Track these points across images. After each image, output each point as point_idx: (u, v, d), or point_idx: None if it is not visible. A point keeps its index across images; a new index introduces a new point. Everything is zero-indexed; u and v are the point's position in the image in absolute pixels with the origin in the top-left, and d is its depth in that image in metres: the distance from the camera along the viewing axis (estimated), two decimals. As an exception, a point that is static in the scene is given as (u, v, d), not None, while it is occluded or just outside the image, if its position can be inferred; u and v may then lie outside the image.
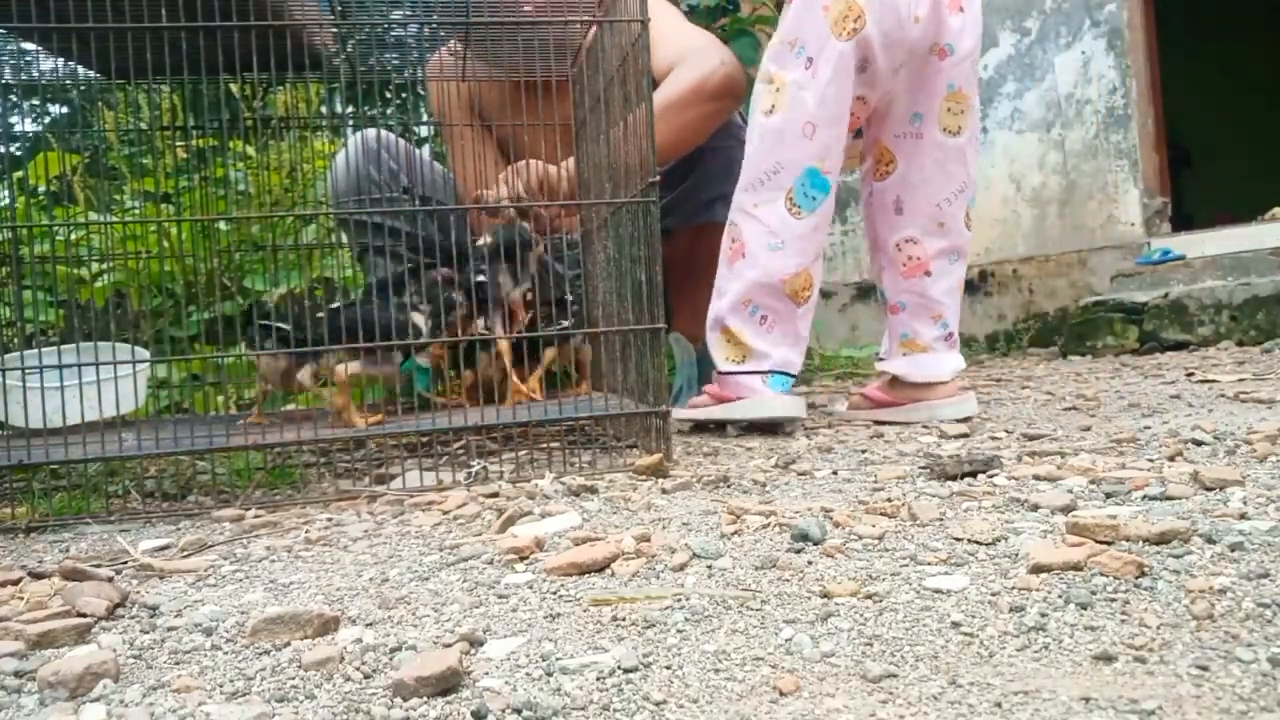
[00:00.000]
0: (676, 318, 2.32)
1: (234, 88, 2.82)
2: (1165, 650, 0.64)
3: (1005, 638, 0.69)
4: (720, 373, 1.78)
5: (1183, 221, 4.37)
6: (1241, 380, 2.12)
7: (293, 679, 0.69)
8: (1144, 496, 1.03)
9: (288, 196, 2.87)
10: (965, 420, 1.76)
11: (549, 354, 1.94)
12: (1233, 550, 0.81)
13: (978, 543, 0.91)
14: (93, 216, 2.47)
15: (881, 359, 1.93)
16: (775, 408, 1.72)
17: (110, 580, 0.95)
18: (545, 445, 1.76)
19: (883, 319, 1.95)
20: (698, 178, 2.29)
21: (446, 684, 0.65)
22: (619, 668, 0.67)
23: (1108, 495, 1.05)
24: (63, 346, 1.81)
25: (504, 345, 1.79)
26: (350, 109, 3.13)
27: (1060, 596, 0.74)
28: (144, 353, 1.94)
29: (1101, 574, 0.78)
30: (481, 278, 1.77)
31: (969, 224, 1.91)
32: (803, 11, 1.74)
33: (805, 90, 1.72)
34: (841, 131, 1.76)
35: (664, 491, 1.27)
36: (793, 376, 1.79)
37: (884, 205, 1.89)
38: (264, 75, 1.77)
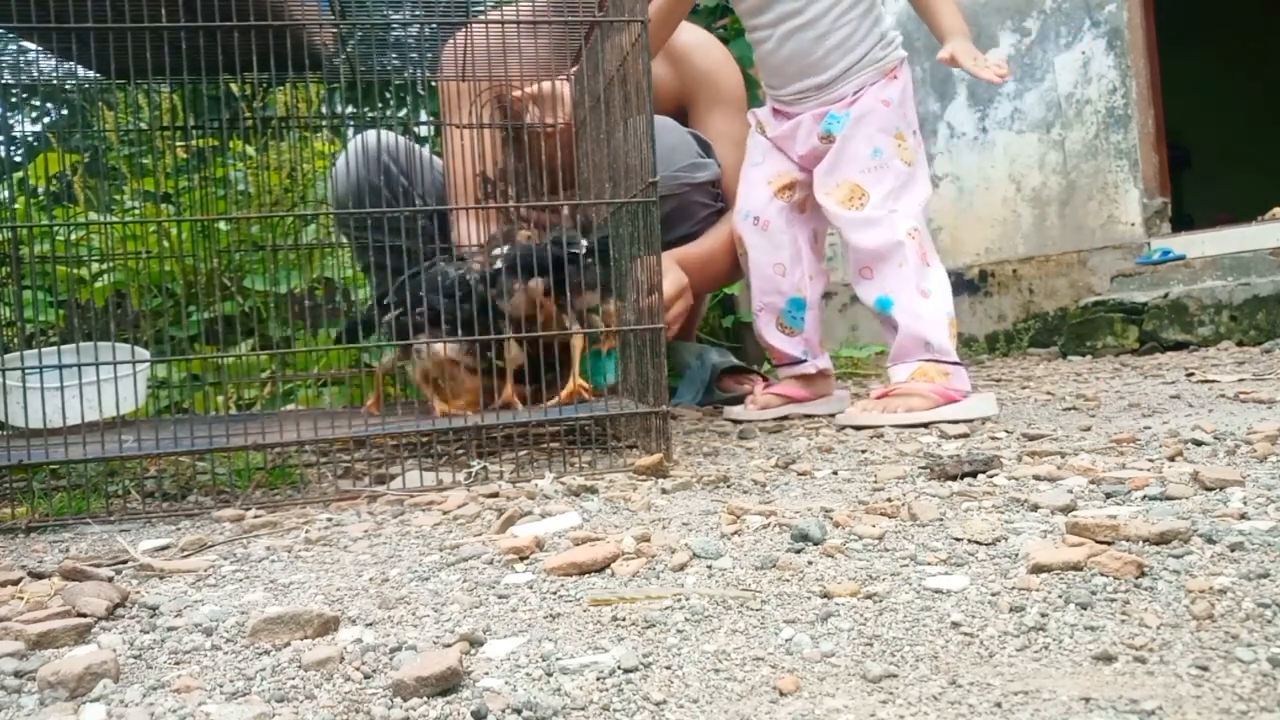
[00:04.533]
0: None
1: (234, 88, 2.83)
2: (1165, 650, 0.64)
3: (1005, 638, 0.69)
4: (954, 363, 1.84)
5: (1183, 221, 4.36)
6: (1241, 380, 2.12)
7: (293, 679, 0.69)
8: (1144, 496, 1.03)
9: (288, 196, 2.87)
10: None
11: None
12: (1233, 550, 0.81)
13: (978, 543, 0.91)
14: (93, 216, 2.47)
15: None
16: (982, 408, 1.82)
17: (110, 580, 0.95)
18: (545, 445, 1.76)
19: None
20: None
21: (446, 684, 0.65)
22: (619, 668, 0.67)
23: (1108, 495, 1.05)
24: (63, 346, 1.81)
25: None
26: (350, 109, 3.13)
27: (1060, 596, 0.74)
28: (144, 353, 1.94)
29: (1101, 574, 0.78)
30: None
31: None
32: (910, 91, 1.97)
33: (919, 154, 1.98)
34: None
35: (664, 491, 1.27)
36: None
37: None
38: (264, 75, 1.77)
